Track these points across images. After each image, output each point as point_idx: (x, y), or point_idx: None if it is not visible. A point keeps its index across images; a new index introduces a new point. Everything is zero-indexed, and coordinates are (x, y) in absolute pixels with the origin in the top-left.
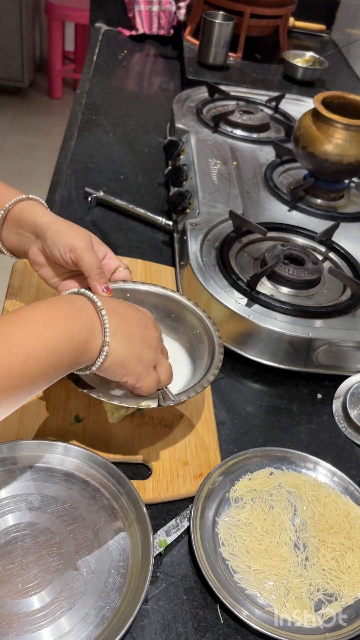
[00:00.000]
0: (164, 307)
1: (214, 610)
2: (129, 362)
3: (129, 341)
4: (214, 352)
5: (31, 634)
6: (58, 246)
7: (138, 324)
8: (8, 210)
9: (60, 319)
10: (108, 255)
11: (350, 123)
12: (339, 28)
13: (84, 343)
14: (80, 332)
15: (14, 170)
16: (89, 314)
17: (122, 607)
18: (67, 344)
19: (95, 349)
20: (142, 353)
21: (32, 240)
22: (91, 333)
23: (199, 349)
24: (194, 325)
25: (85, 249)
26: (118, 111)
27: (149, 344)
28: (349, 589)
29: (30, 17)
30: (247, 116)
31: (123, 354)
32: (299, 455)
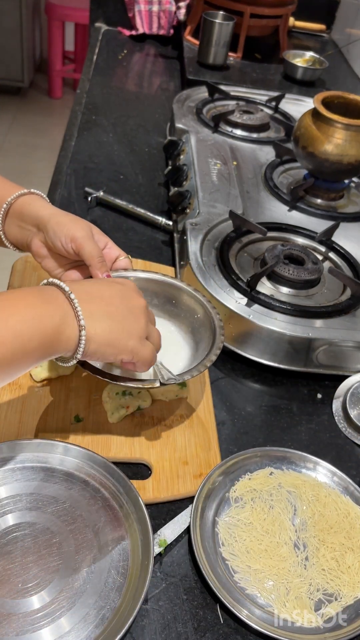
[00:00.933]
0: (165, 293)
1: (214, 610)
2: (117, 340)
3: (111, 319)
4: (214, 334)
5: (31, 633)
6: (59, 237)
7: (120, 299)
8: (10, 204)
9: (27, 303)
10: (109, 244)
11: (350, 123)
12: (339, 28)
13: (55, 328)
14: (51, 319)
15: (14, 170)
16: (59, 301)
17: (122, 607)
18: (35, 330)
19: (72, 336)
20: (130, 327)
21: (34, 232)
22: (63, 320)
23: (200, 332)
24: (194, 310)
25: (85, 239)
26: (118, 111)
27: (136, 315)
28: (348, 589)
29: (30, 17)
30: (247, 116)
31: (108, 334)
32: (299, 455)
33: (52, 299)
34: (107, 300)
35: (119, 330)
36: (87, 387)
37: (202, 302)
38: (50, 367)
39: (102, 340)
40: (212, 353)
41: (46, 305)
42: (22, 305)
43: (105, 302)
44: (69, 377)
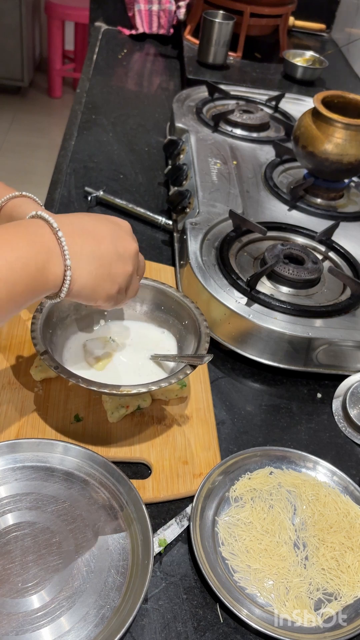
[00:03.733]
0: (154, 299)
1: (214, 609)
2: (101, 286)
3: (99, 261)
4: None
5: (31, 633)
6: None
7: (110, 239)
8: (1, 207)
9: (12, 246)
10: None
11: (350, 122)
12: (339, 27)
13: (41, 270)
14: (35, 259)
15: (14, 170)
16: (44, 238)
17: (121, 607)
18: (21, 273)
19: (57, 275)
20: (116, 273)
21: None
22: (48, 259)
23: (188, 339)
24: (182, 317)
25: None
26: (118, 110)
27: (125, 260)
28: (348, 589)
29: (30, 16)
30: (247, 115)
31: (93, 277)
32: (299, 455)
33: (37, 237)
34: (98, 239)
35: (105, 274)
36: None
37: (190, 309)
38: None
39: (86, 283)
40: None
41: (32, 245)
42: (8, 248)
43: (96, 240)
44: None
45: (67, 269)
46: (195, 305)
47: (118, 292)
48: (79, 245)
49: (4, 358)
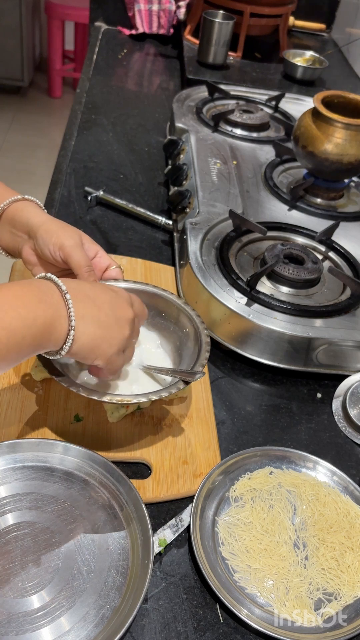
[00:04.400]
0: (155, 305)
1: (214, 609)
2: (99, 347)
3: (98, 325)
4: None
5: (31, 633)
6: (48, 245)
7: (110, 306)
8: (3, 210)
9: (24, 302)
10: (99, 253)
11: (350, 122)
12: (339, 27)
13: (47, 327)
14: (44, 316)
15: (14, 170)
16: (54, 299)
17: (121, 606)
18: (30, 328)
19: (61, 334)
20: (113, 337)
21: (25, 239)
22: (55, 318)
23: (188, 347)
24: (183, 324)
25: (74, 247)
26: (118, 110)
27: (122, 326)
28: (348, 588)
29: (30, 16)
30: (247, 115)
31: (92, 339)
32: (299, 455)
33: (47, 296)
34: (99, 305)
35: (103, 337)
36: None
37: (191, 316)
38: None
39: (86, 343)
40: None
41: (41, 303)
42: (19, 303)
43: (97, 306)
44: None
45: (71, 329)
46: (197, 314)
47: (116, 353)
48: (82, 309)
49: None
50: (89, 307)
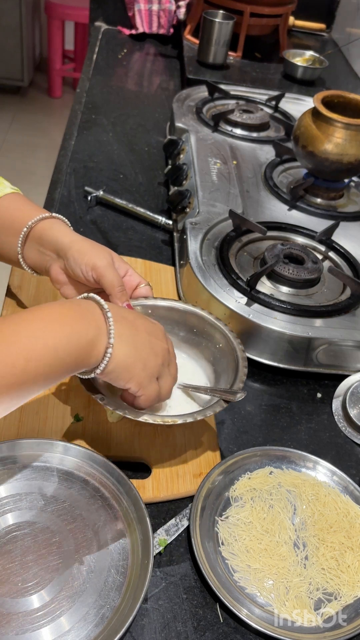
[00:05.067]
0: (186, 322)
1: (214, 609)
2: (133, 367)
3: (134, 346)
4: (237, 366)
5: (31, 633)
6: (80, 265)
7: (147, 333)
8: (31, 228)
9: (66, 320)
10: (129, 272)
11: (350, 122)
12: (339, 27)
13: (88, 345)
14: (86, 334)
15: (14, 170)
16: (95, 317)
17: (121, 606)
18: (71, 346)
19: (99, 352)
20: (147, 360)
21: (54, 258)
22: (96, 336)
23: (222, 362)
24: (216, 339)
25: (107, 268)
26: (118, 110)
27: (156, 352)
28: (348, 588)
29: (30, 16)
30: (247, 115)
31: (127, 358)
32: (299, 455)
33: (88, 314)
34: (137, 328)
35: (138, 358)
36: None
37: (224, 331)
38: None
39: (121, 362)
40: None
41: (83, 321)
42: (63, 321)
43: (135, 328)
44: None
45: (110, 347)
46: (230, 329)
47: (149, 378)
48: (120, 329)
49: None
50: (127, 327)
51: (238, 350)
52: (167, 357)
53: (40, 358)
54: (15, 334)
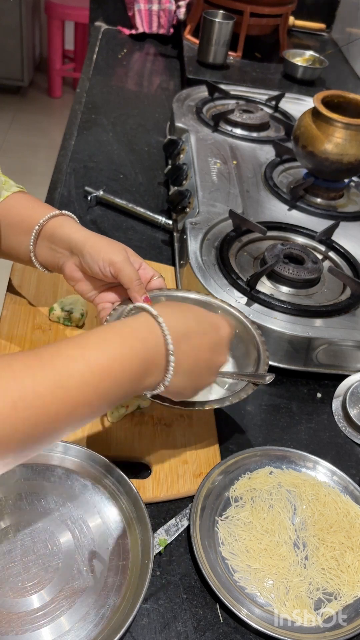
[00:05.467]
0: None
1: (214, 609)
2: (183, 392)
3: (190, 374)
4: (258, 350)
5: (31, 632)
6: (97, 261)
7: (209, 350)
8: (42, 227)
9: (130, 344)
10: (143, 265)
11: (350, 122)
12: (339, 27)
13: (141, 381)
14: (143, 374)
15: (14, 170)
16: (158, 356)
17: (121, 606)
18: (125, 388)
19: (155, 381)
20: (200, 383)
21: (67, 256)
22: (153, 371)
23: (239, 348)
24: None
25: (124, 262)
26: (118, 110)
27: (212, 372)
28: (348, 588)
29: (30, 16)
30: (247, 115)
31: (181, 386)
32: (299, 455)
33: (147, 353)
34: (197, 347)
35: (191, 385)
36: None
37: (239, 318)
38: None
39: (172, 390)
40: (260, 369)
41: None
42: (127, 346)
43: (196, 353)
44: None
45: (166, 380)
46: (244, 314)
47: (192, 395)
48: (182, 358)
49: None
50: (190, 358)
51: (256, 335)
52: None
53: (90, 403)
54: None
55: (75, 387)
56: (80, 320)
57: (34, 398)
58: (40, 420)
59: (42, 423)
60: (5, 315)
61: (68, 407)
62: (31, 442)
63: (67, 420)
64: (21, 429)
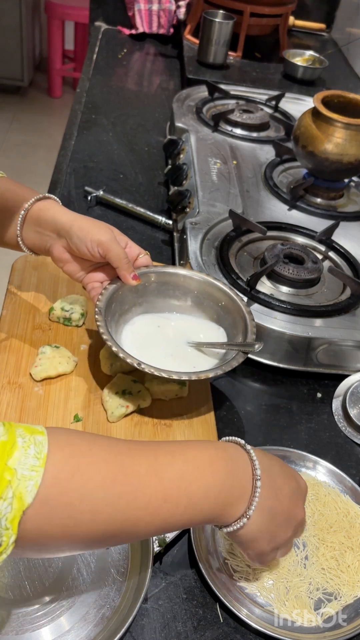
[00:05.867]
0: (189, 285)
1: (214, 609)
2: (260, 539)
3: (271, 519)
4: (245, 321)
5: (31, 632)
6: (85, 242)
7: (289, 501)
8: (28, 211)
9: (214, 471)
10: (129, 244)
11: (350, 122)
12: (339, 27)
13: (226, 505)
14: (229, 494)
15: (14, 170)
16: (244, 477)
17: (121, 606)
18: (211, 500)
19: (235, 514)
20: (277, 534)
21: (54, 238)
22: (237, 499)
23: (226, 319)
24: (218, 298)
25: (112, 242)
26: (118, 110)
27: (290, 524)
28: (348, 588)
29: (30, 15)
30: (247, 115)
31: (259, 531)
32: (299, 455)
33: (239, 473)
34: (280, 498)
35: (268, 532)
36: (87, 386)
37: (225, 290)
38: (50, 366)
39: (250, 533)
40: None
41: (231, 480)
42: (210, 473)
43: (278, 499)
44: (69, 377)
45: (246, 517)
46: (230, 286)
47: (270, 550)
48: (264, 498)
49: (4, 358)
50: (271, 497)
51: (242, 306)
52: (299, 528)
53: (178, 503)
54: (165, 468)
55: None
56: (80, 320)
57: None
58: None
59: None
60: (5, 315)
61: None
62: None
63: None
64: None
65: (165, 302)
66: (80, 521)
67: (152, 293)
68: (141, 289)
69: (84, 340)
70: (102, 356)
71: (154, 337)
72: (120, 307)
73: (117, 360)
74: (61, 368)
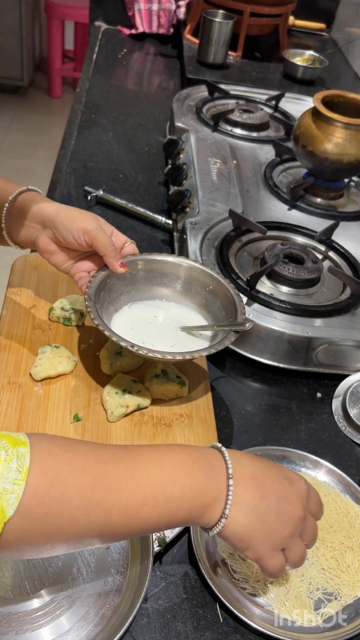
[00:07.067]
0: (175, 272)
1: (214, 609)
2: (250, 538)
3: (255, 515)
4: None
5: (30, 632)
6: (71, 231)
7: (277, 498)
8: (11, 203)
9: (193, 475)
10: (114, 233)
11: (350, 122)
12: (339, 27)
13: (204, 507)
14: (205, 495)
15: (14, 169)
16: (220, 478)
17: (121, 606)
18: (189, 500)
19: (213, 517)
20: (270, 532)
21: (39, 229)
22: (215, 499)
23: (215, 303)
24: (206, 283)
25: (98, 230)
26: (118, 110)
27: (284, 522)
28: (348, 588)
29: (30, 15)
30: (247, 115)
31: (245, 528)
32: (299, 455)
33: (214, 473)
34: (264, 493)
35: (256, 529)
36: (87, 386)
37: (212, 274)
38: (50, 365)
39: (236, 531)
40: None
41: (207, 480)
42: (185, 473)
43: (261, 494)
44: (69, 376)
45: (223, 516)
46: (217, 271)
47: (269, 551)
48: (243, 494)
49: (4, 358)
50: (251, 493)
51: (230, 288)
52: (298, 525)
53: (156, 504)
54: (140, 472)
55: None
56: (80, 320)
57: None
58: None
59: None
60: (5, 315)
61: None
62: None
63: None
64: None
65: (153, 289)
66: (60, 528)
67: (140, 281)
68: (129, 277)
69: (84, 340)
70: (102, 356)
71: (145, 324)
72: (108, 295)
73: (117, 360)
74: (61, 368)
